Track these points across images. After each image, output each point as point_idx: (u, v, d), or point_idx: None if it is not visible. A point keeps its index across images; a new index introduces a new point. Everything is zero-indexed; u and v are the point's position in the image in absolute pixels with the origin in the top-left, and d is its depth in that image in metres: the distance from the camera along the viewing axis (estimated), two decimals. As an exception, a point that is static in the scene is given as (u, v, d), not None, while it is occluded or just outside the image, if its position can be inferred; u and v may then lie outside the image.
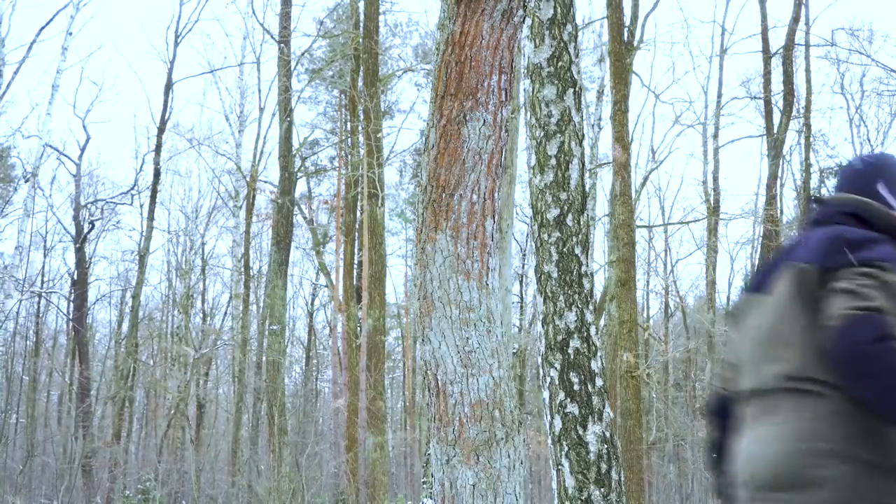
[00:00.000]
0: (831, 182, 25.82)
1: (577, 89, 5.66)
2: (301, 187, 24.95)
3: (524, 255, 23.25)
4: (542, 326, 5.50)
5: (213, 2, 50.22)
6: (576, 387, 5.30)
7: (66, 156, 23.38)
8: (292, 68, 19.98)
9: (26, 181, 19.68)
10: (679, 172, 52.00)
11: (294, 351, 30.84)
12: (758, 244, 21.20)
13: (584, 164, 5.67)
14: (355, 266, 21.29)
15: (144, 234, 21.82)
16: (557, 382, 5.33)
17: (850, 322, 1.76)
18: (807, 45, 20.10)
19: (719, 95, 22.84)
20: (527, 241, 21.63)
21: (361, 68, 17.31)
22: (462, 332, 3.05)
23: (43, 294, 24.17)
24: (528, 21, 5.66)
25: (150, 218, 21.51)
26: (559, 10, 5.70)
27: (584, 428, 5.24)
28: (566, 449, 5.24)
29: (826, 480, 1.79)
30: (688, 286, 31.86)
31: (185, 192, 30.09)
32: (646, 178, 22.06)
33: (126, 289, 25.30)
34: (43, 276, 24.92)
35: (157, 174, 21.51)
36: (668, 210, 27.31)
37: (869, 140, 23.06)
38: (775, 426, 1.90)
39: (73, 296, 22.85)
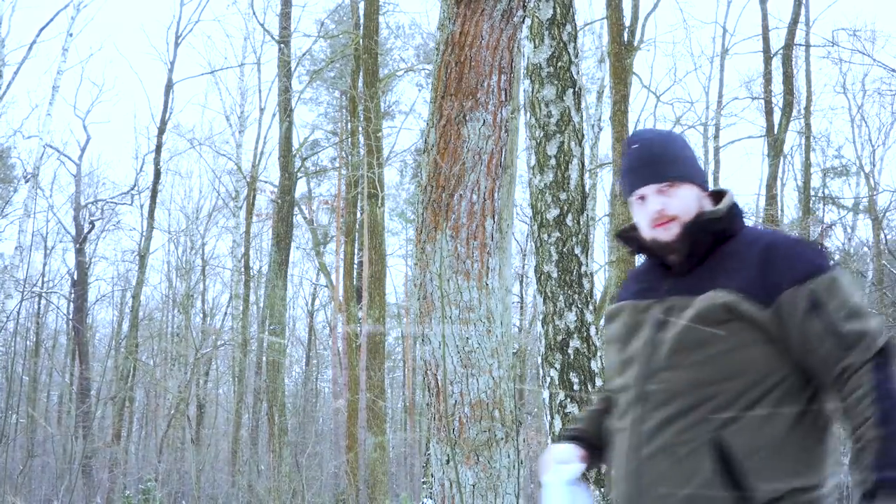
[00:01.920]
0: (833, 182, 25.82)
1: (576, 89, 5.66)
2: (301, 188, 24.96)
3: (524, 255, 23.24)
4: (542, 326, 5.50)
5: (213, 2, 50.24)
6: (576, 387, 5.30)
7: (66, 156, 23.39)
8: (293, 69, 19.98)
9: (26, 181, 19.68)
10: (680, 173, 51.72)
11: (294, 351, 30.83)
12: (758, 244, 21.15)
13: (583, 165, 5.67)
14: (355, 266, 21.28)
15: (145, 234, 21.83)
16: (557, 382, 5.33)
17: None
18: (807, 46, 20.10)
19: (720, 96, 22.84)
20: (527, 241, 21.62)
21: (361, 69, 17.32)
22: (462, 332, 3.05)
23: (43, 294, 24.16)
24: (528, 21, 5.66)
25: (151, 218, 21.52)
26: (559, 10, 5.70)
27: (584, 428, 5.23)
28: (566, 449, 5.23)
29: None
30: (688, 286, 31.74)
31: (185, 193, 30.09)
32: (646, 179, 22.00)
33: (126, 289, 25.30)
34: (43, 276, 24.91)
35: (157, 174, 21.52)
36: (668, 210, 27.23)
37: (871, 140, 23.05)
38: None
39: (73, 296, 22.84)
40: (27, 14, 41.13)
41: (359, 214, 20.87)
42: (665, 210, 2.06)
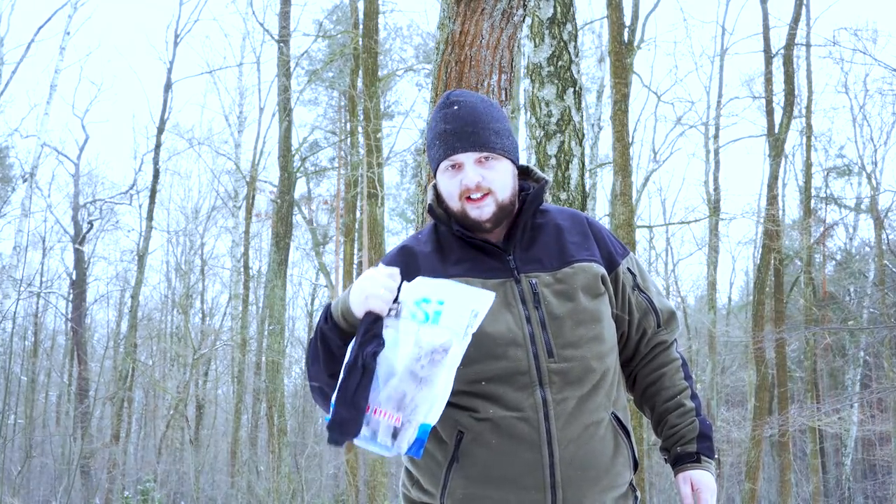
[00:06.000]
0: (835, 182, 25.78)
1: (577, 89, 5.61)
2: (301, 188, 24.91)
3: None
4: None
5: (212, 2, 50.22)
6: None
7: (64, 155, 23.39)
8: (292, 69, 19.93)
9: (24, 181, 19.63)
10: (681, 172, 51.93)
11: (294, 351, 30.77)
12: (759, 244, 21.13)
13: (584, 164, 5.62)
14: (355, 266, 21.24)
15: (143, 234, 21.76)
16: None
17: None
18: (808, 46, 20.06)
19: (720, 96, 22.80)
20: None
21: (361, 68, 17.27)
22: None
23: (41, 294, 24.11)
24: (528, 21, 5.61)
25: (150, 218, 21.46)
26: (559, 9, 5.65)
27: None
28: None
29: None
30: (689, 286, 31.78)
31: (184, 193, 30.05)
32: (647, 178, 22.00)
33: (125, 289, 25.24)
34: (41, 276, 24.86)
35: (156, 174, 21.47)
36: (669, 210, 27.29)
37: (872, 140, 23.01)
38: None
39: (71, 296, 22.80)
40: (26, 13, 41.11)
41: (358, 214, 20.83)
42: (482, 183, 1.93)
